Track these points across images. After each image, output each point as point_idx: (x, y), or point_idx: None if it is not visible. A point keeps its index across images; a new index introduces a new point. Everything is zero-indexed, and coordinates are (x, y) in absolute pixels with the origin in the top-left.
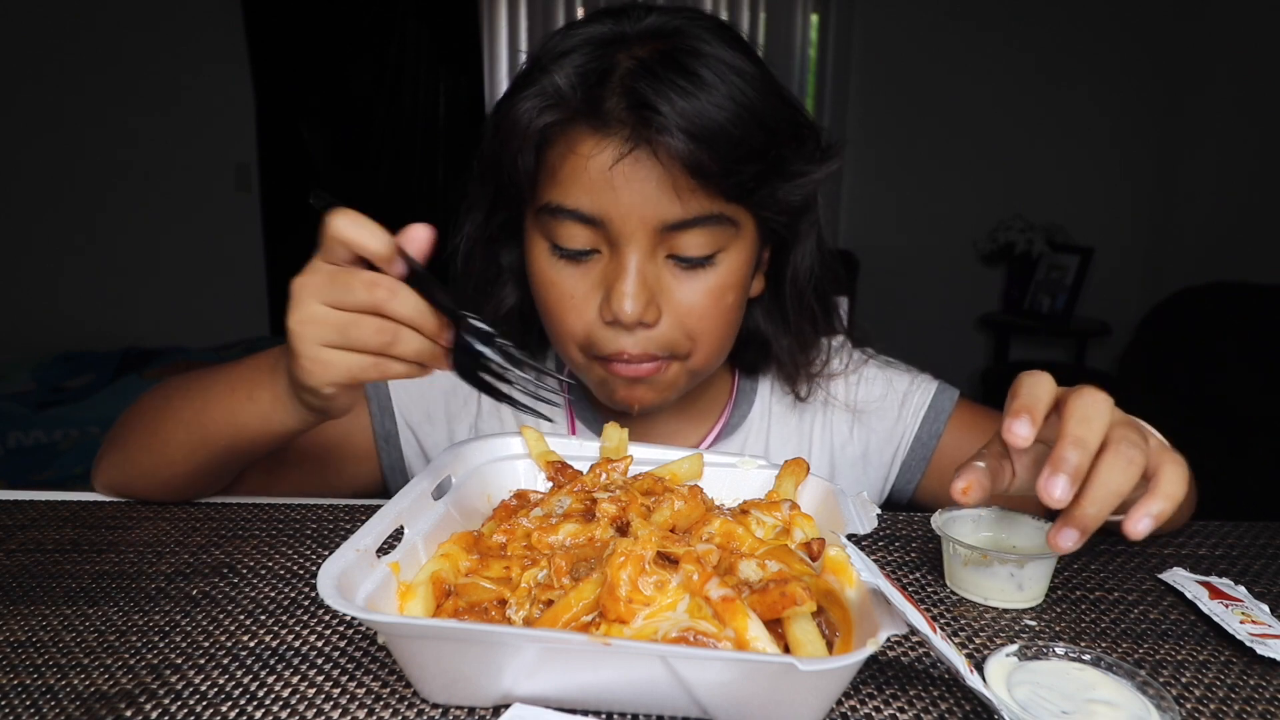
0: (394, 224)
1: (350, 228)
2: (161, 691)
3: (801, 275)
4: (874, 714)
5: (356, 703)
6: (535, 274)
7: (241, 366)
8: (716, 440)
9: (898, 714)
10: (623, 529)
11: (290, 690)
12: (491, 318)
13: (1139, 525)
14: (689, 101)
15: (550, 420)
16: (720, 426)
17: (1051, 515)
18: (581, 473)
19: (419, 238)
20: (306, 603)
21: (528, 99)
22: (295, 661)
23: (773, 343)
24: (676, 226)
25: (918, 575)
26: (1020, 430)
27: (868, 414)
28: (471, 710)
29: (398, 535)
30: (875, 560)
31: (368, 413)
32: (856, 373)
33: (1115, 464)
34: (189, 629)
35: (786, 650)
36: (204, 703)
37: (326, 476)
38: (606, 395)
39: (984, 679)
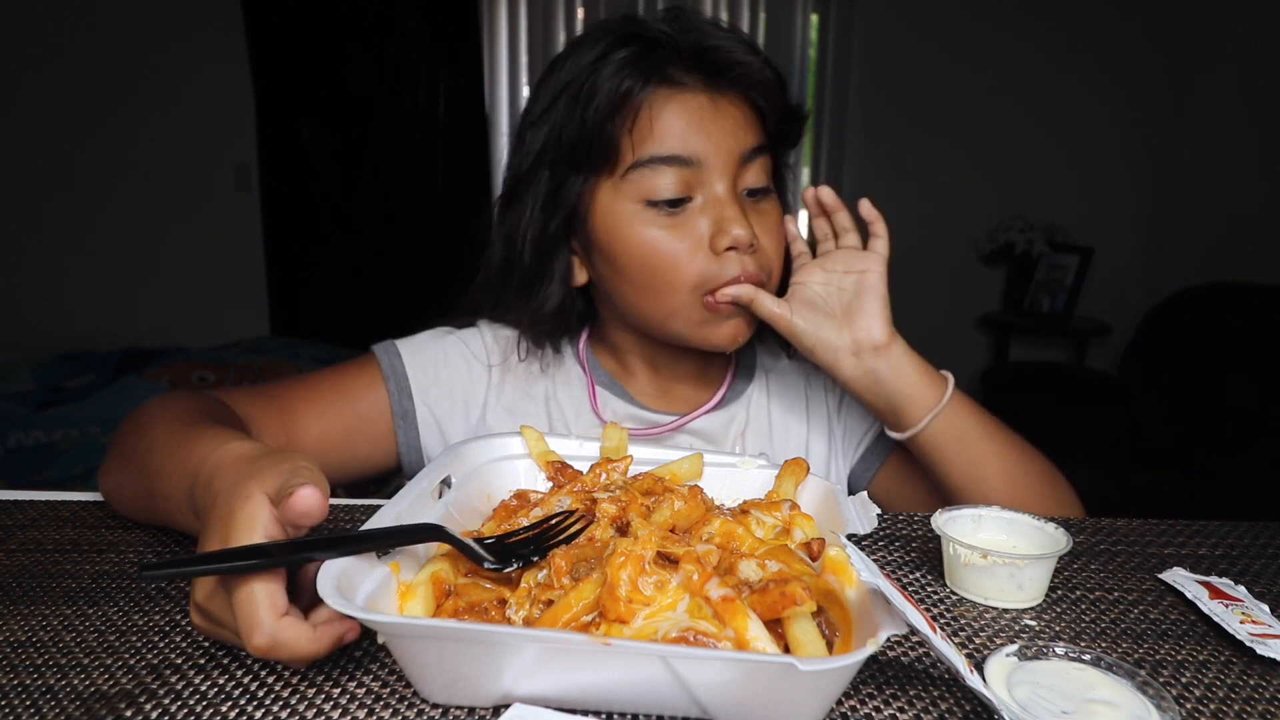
0: (394, 224)
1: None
2: (161, 691)
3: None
4: (874, 714)
5: (356, 703)
6: (632, 238)
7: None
8: (724, 398)
9: (898, 714)
10: (623, 529)
11: (290, 690)
12: (534, 321)
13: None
14: (734, 45)
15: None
16: (722, 393)
17: (1051, 517)
18: (581, 473)
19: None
20: None
21: (599, 73)
22: None
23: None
24: (749, 157)
25: (918, 575)
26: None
27: (841, 406)
28: (471, 710)
29: None
30: (875, 560)
31: (385, 391)
32: None
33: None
34: (189, 629)
35: (786, 650)
36: (204, 703)
37: (344, 459)
38: (706, 338)
39: (984, 679)
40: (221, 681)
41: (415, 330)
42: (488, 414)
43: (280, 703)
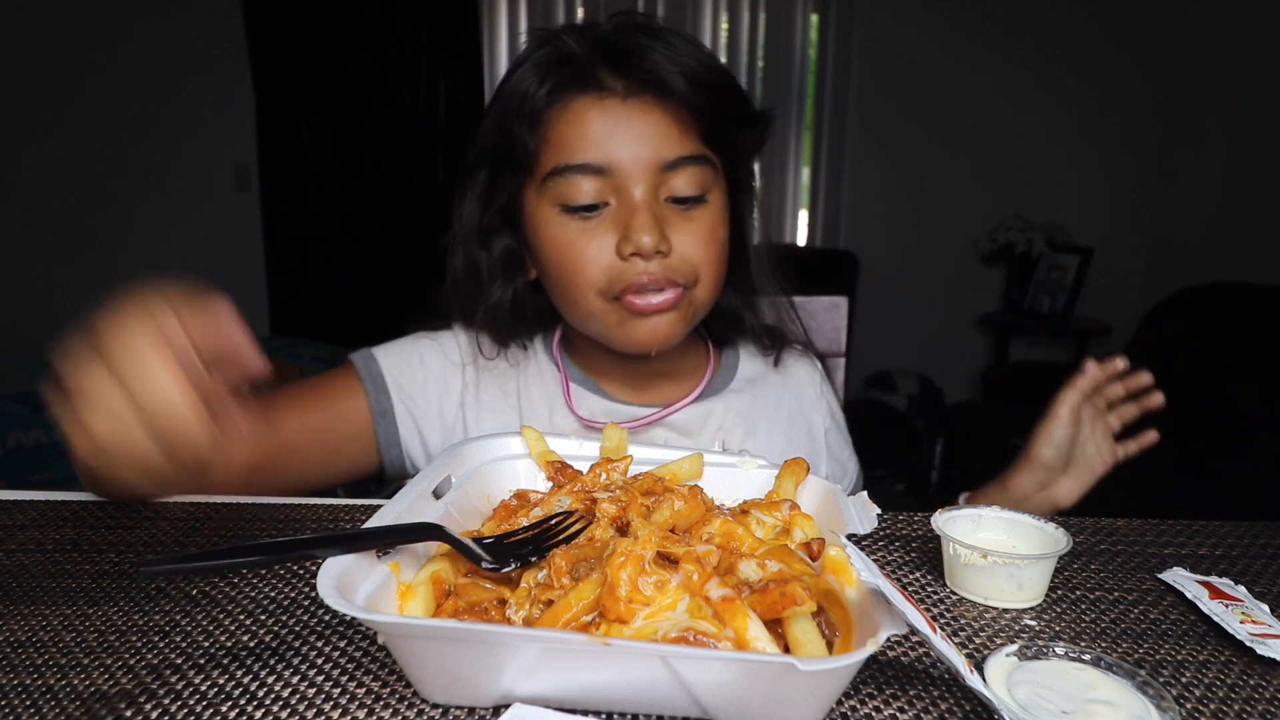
0: (394, 224)
1: None
2: (161, 691)
3: (756, 241)
4: (874, 714)
5: (356, 703)
6: (547, 240)
7: None
8: (702, 393)
9: (898, 714)
10: (623, 529)
11: (290, 690)
12: (485, 318)
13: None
14: (669, 52)
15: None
16: (701, 388)
17: (1052, 517)
18: (581, 473)
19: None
20: (306, 603)
21: (524, 79)
22: (295, 661)
23: (742, 310)
24: (671, 166)
25: (918, 575)
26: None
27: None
28: (471, 710)
29: None
30: (875, 560)
31: (363, 391)
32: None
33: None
34: (189, 629)
35: (786, 650)
36: (204, 703)
37: (325, 454)
38: (625, 338)
39: (984, 679)
40: (221, 682)
41: (412, 331)
42: (466, 412)
43: (280, 703)
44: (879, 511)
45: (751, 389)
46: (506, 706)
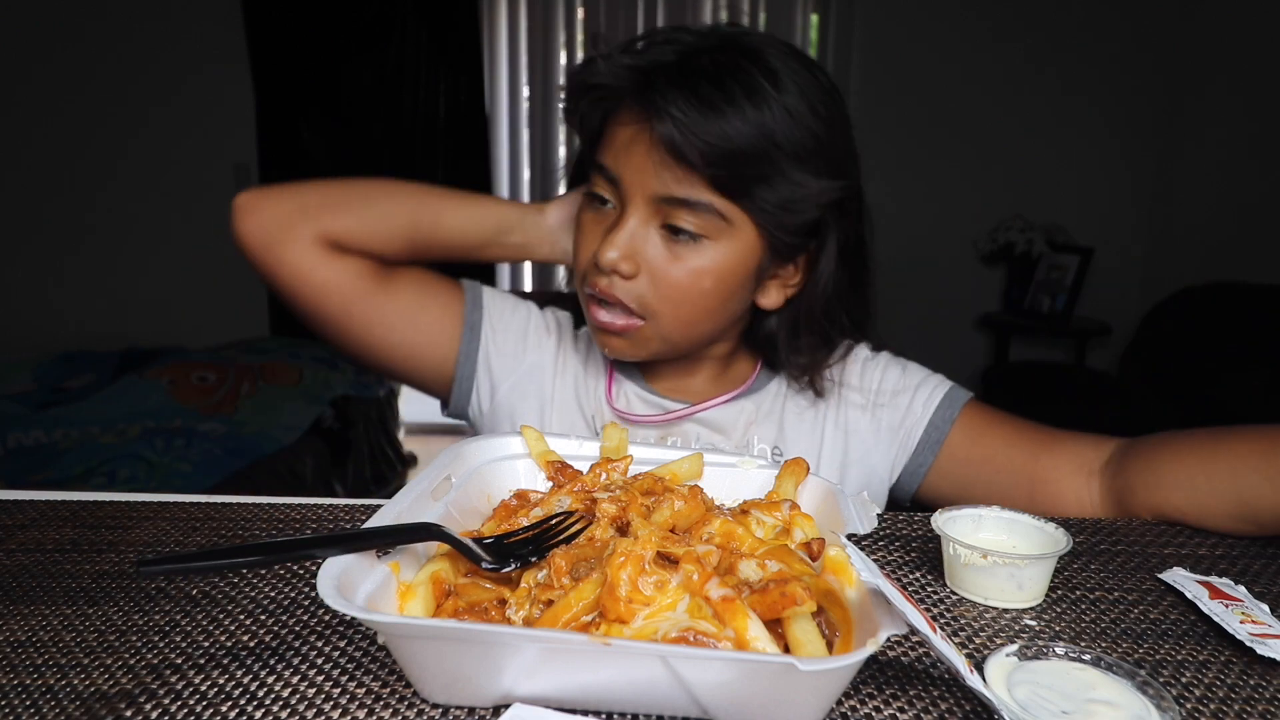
0: None
1: None
2: (161, 691)
3: (816, 302)
4: (874, 714)
5: (356, 703)
6: (575, 222)
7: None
8: (741, 393)
9: (898, 714)
10: (623, 529)
11: (290, 690)
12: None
13: None
14: (695, 107)
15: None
16: (739, 391)
17: (1051, 517)
18: (581, 473)
19: None
20: (306, 603)
21: (607, 73)
22: (295, 661)
23: (781, 353)
24: (670, 201)
25: (918, 575)
26: None
27: (881, 405)
28: (471, 710)
29: None
30: (875, 560)
31: (462, 301)
32: (874, 362)
33: None
34: (189, 629)
35: (786, 650)
36: (204, 703)
37: (416, 317)
38: (593, 330)
39: (984, 679)
40: (221, 681)
41: None
42: (563, 375)
43: (280, 703)
44: (879, 511)
45: (786, 412)
46: (506, 706)
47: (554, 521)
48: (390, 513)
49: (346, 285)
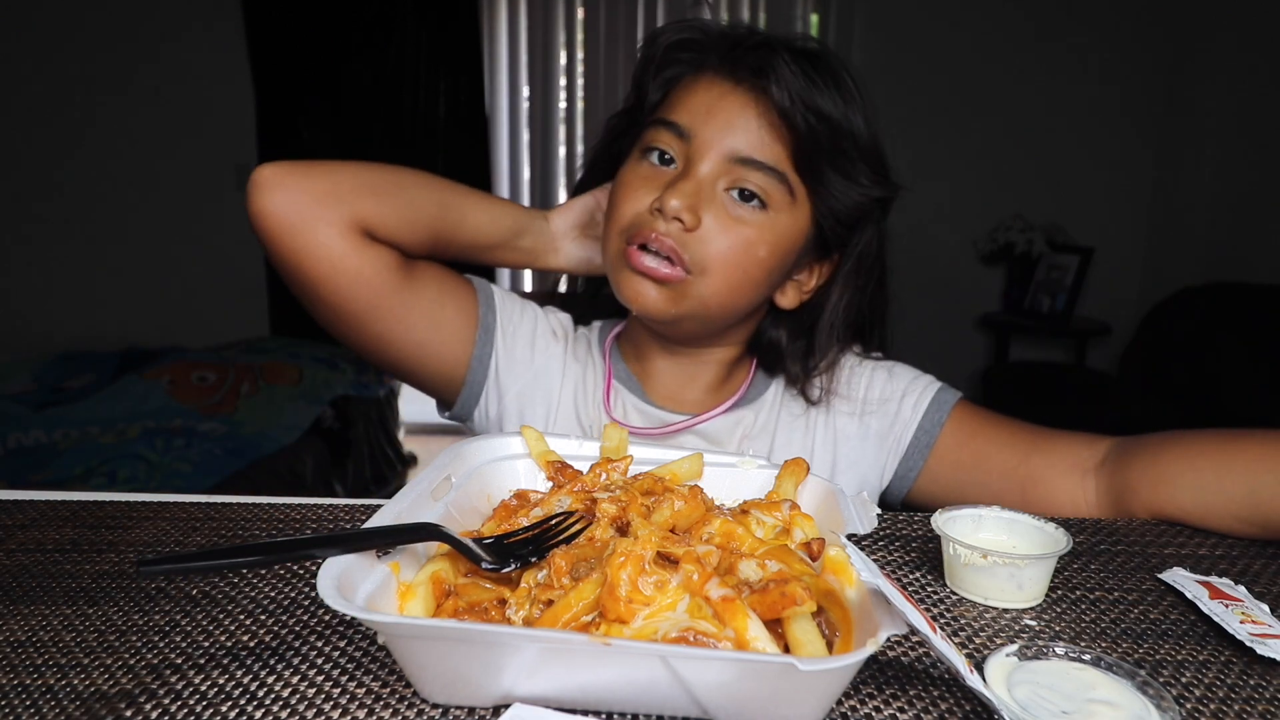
0: None
1: None
2: (161, 691)
3: (835, 316)
4: (874, 714)
5: (356, 703)
6: (618, 181)
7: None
8: (736, 403)
9: (898, 714)
10: (623, 529)
11: (290, 690)
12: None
13: None
14: (805, 77)
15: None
16: (734, 399)
17: (1051, 517)
18: (581, 473)
19: None
20: (306, 603)
21: (682, 32)
22: (295, 661)
23: (785, 359)
24: (743, 161)
25: (918, 575)
26: None
27: (870, 413)
28: (471, 710)
29: None
30: (875, 560)
31: (475, 301)
32: (861, 369)
33: None
34: (189, 629)
35: (786, 650)
36: (204, 703)
37: (434, 314)
38: (618, 287)
39: (984, 679)
40: (221, 681)
41: None
42: (565, 382)
43: (280, 703)
44: (879, 511)
45: (780, 418)
46: (506, 706)
47: (554, 521)
48: (390, 513)
49: (377, 277)
